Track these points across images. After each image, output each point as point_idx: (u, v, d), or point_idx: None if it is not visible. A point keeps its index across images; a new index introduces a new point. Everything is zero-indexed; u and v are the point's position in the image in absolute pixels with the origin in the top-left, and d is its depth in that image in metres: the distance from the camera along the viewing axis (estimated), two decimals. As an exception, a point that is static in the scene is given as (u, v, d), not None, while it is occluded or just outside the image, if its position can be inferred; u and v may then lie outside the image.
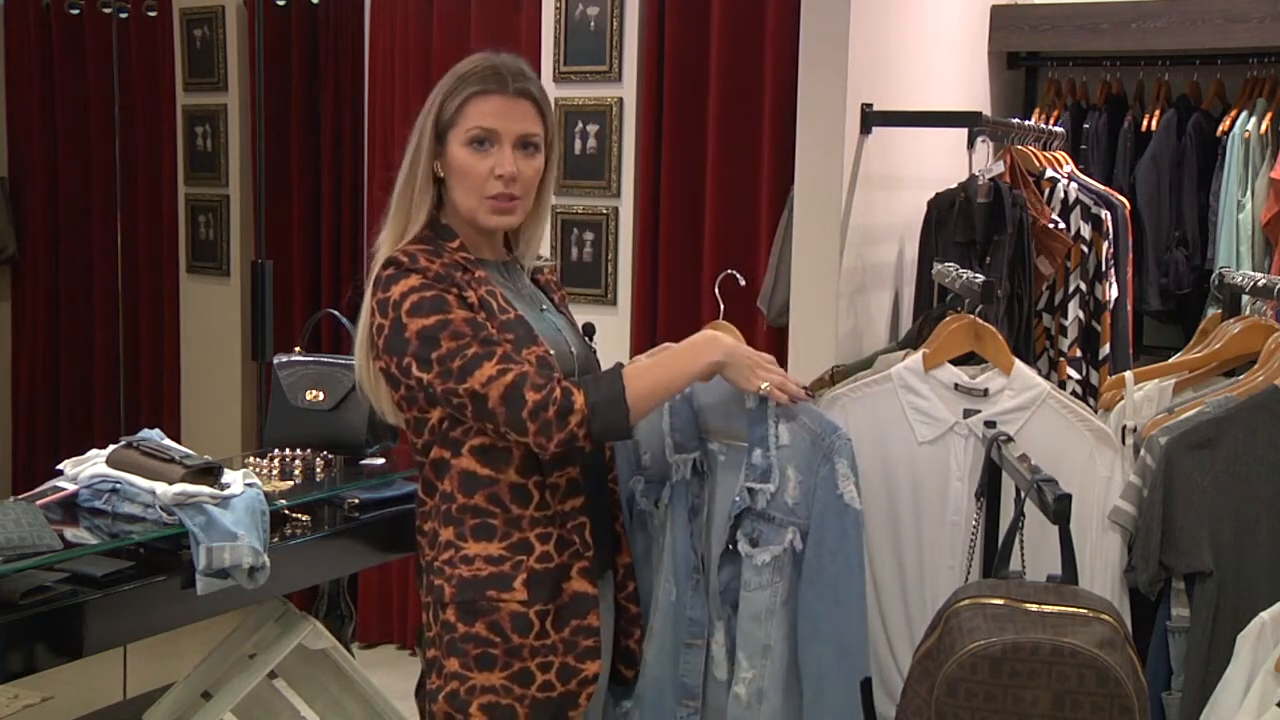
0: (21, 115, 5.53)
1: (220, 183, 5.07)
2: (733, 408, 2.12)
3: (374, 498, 2.99)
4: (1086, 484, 2.16)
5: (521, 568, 1.94)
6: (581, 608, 1.98)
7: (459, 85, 1.98)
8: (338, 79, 4.77)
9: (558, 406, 1.85)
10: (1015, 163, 3.44)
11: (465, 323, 1.88)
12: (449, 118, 1.98)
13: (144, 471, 2.53)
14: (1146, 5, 4.01)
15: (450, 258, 1.96)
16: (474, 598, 1.94)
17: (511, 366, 1.87)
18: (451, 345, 1.87)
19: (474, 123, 1.96)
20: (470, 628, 1.94)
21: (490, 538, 1.95)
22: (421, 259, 1.93)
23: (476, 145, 1.97)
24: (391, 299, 1.90)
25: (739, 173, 3.96)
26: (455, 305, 1.89)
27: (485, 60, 2.01)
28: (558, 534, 1.98)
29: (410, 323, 1.89)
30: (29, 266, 5.58)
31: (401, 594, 4.66)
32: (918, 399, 2.23)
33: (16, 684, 3.43)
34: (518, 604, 1.94)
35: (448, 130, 1.98)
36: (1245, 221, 3.83)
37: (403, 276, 1.91)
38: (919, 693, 1.68)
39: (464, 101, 1.97)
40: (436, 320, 1.88)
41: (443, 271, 1.92)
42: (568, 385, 1.88)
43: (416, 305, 1.89)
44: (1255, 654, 1.88)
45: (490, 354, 1.87)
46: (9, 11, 5.52)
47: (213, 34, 5.00)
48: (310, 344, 3.47)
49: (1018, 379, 2.22)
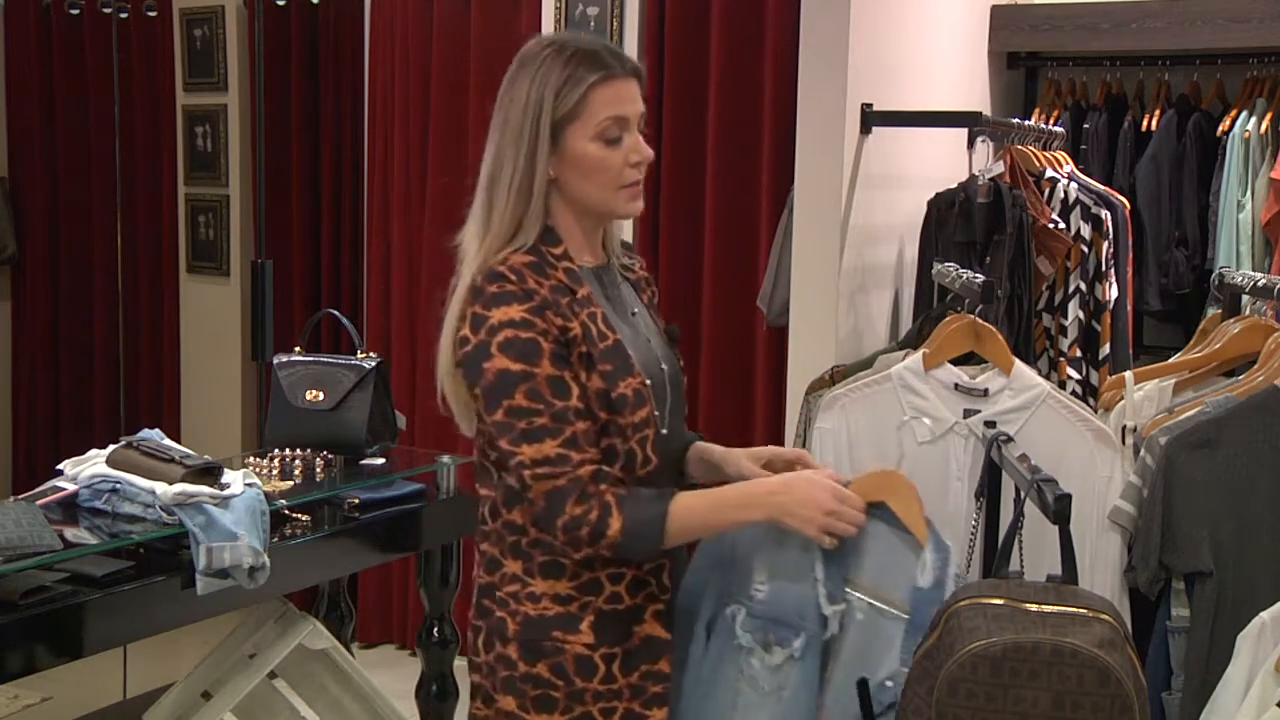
0: (21, 115, 5.53)
1: (220, 183, 5.07)
2: (892, 569, 1.87)
3: (374, 498, 2.99)
4: (1086, 484, 2.16)
5: (589, 609, 1.85)
6: (654, 652, 1.89)
7: (577, 72, 1.82)
8: (338, 79, 4.77)
9: (591, 529, 1.76)
10: (1015, 163, 3.44)
11: (548, 383, 1.77)
12: (568, 111, 1.82)
13: (144, 471, 2.53)
14: (1146, 5, 4.01)
15: (555, 276, 1.83)
16: (538, 637, 1.85)
17: (566, 467, 1.76)
18: (524, 404, 1.76)
19: (605, 114, 1.83)
20: (531, 668, 1.85)
21: (559, 576, 1.85)
22: (530, 279, 1.80)
23: (611, 137, 1.84)
24: (489, 322, 1.78)
25: (739, 173, 3.95)
26: (548, 355, 1.77)
27: (582, 41, 1.86)
28: (632, 575, 1.87)
29: (497, 358, 1.77)
30: (29, 266, 5.57)
31: (401, 594, 4.66)
32: (918, 399, 2.23)
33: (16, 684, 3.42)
34: (583, 646, 1.85)
35: (565, 125, 1.82)
36: (1245, 221, 3.83)
37: (506, 301, 1.78)
38: (919, 692, 1.68)
39: (586, 92, 1.82)
40: (522, 370, 1.76)
41: (549, 298, 1.80)
42: (610, 502, 1.76)
43: (509, 342, 1.77)
44: (1255, 654, 1.88)
45: (557, 432, 1.76)
46: (9, 11, 5.51)
47: (213, 34, 5.00)
48: (310, 344, 3.47)
49: (1018, 379, 2.21)
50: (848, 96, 3.21)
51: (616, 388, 1.82)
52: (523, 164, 1.83)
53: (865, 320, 3.39)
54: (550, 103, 1.82)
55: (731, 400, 3.94)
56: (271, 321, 4.33)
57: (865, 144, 3.29)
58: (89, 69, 5.29)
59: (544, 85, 1.82)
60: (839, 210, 3.23)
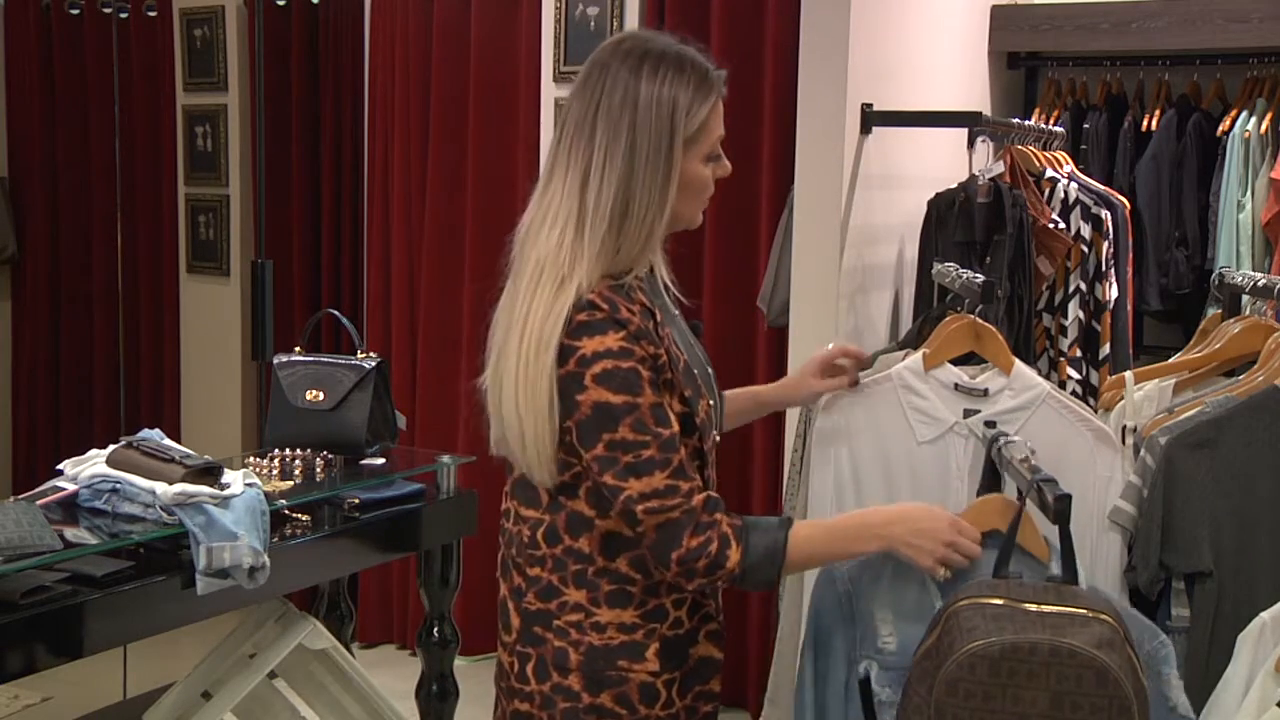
0: (21, 115, 5.53)
1: (220, 183, 5.07)
2: None
3: (374, 498, 2.99)
4: (1086, 484, 2.16)
5: (655, 635, 1.81)
6: (706, 673, 1.87)
7: (698, 95, 1.76)
8: (338, 79, 4.77)
9: (709, 560, 1.72)
10: (1015, 163, 3.44)
11: (651, 412, 1.71)
12: (693, 134, 1.76)
13: (144, 471, 2.53)
14: (1146, 5, 4.01)
15: (639, 299, 1.76)
16: (604, 668, 1.81)
17: (678, 498, 1.71)
18: (629, 436, 1.70)
19: (715, 135, 1.80)
20: (595, 698, 1.81)
21: (626, 605, 1.80)
22: (622, 309, 1.72)
23: (716, 155, 1.82)
24: (582, 353, 1.70)
25: (739, 173, 3.93)
26: (647, 385, 1.71)
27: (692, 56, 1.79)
28: (691, 598, 1.84)
29: (593, 390, 1.70)
30: (29, 266, 5.57)
31: (402, 594, 4.66)
32: (918, 399, 2.23)
33: (16, 684, 3.42)
34: (648, 674, 1.81)
35: (689, 148, 1.77)
36: (1245, 221, 3.83)
37: (600, 330, 1.70)
38: (919, 692, 1.68)
39: (709, 115, 1.78)
40: (624, 401, 1.70)
41: (642, 326, 1.73)
42: (726, 533, 1.72)
43: (608, 374, 1.70)
44: (1255, 654, 1.88)
45: (666, 463, 1.71)
46: (9, 11, 5.52)
47: (213, 34, 5.00)
48: (310, 344, 3.47)
49: (1018, 379, 2.21)
50: (848, 96, 3.21)
51: (698, 412, 1.79)
52: (658, 196, 1.75)
53: (865, 320, 3.39)
54: (682, 126, 1.75)
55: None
56: (271, 321, 4.33)
57: (865, 144, 3.29)
58: (89, 69, 5.30)
59: (674, 107, 1.75)
60: (839, 210, 3.23)
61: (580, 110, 1.77)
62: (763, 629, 3.90)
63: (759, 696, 2.81)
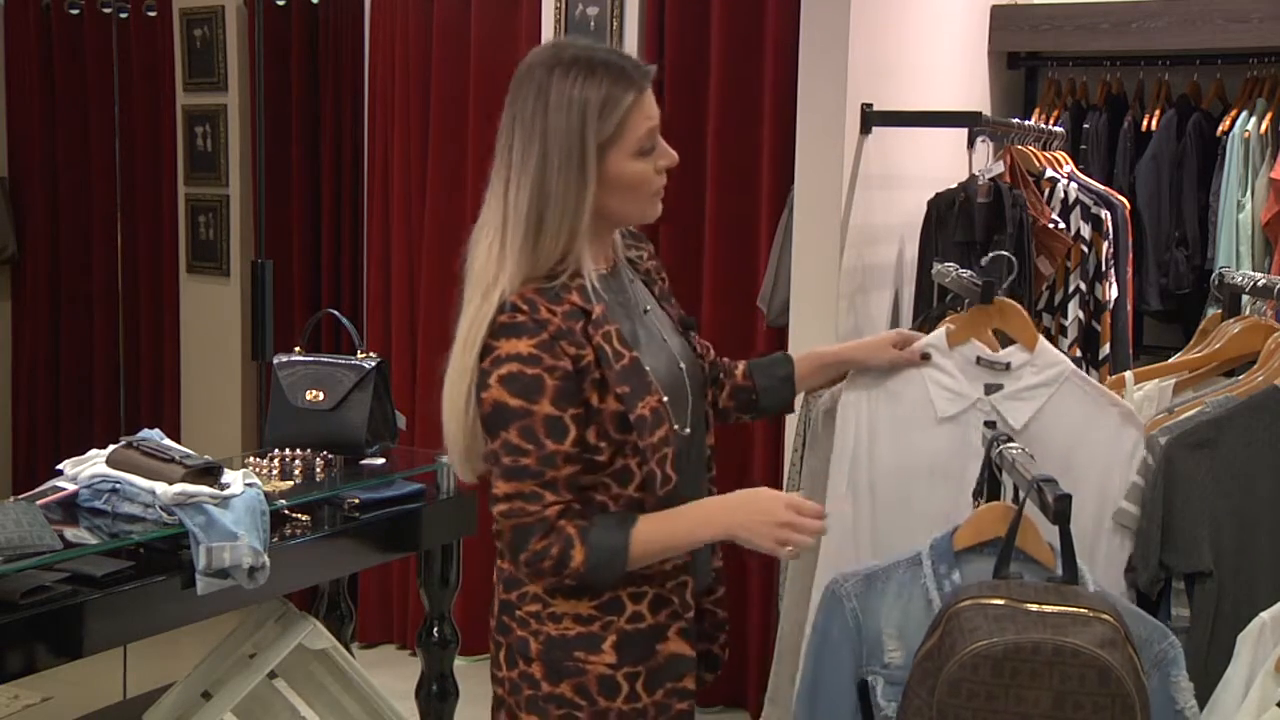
0: (21, 115, 5.53)
1: (220, 183, 5.07)
2: None
3: (374, 498, 2.99)
4: (1113, 460, 2.15)
5: (611, 628, 1.85)
6: (677, 670, 1.89)
7: (610, 95, 1.78)
8: (338, 79, 4.77)
9: (554, 562, 1.78)
10: (1015, 163, 3.44)
11: (543, 423, 1.75)
12: (609, 136, 1.79)
13: (144, 471, 2.54)
14: (1146, 5, 4.01)
15: (571, 300, 1.80)
16: (561, 658, 1.86)
17: (536, 506, 1.77)
18: (514, 440, 1.76)
19: (641, 131, 1.81)
20: (555, 688, 1.86)
21: (580, 596, 1.85)
22: (542, 309, 1.77)
23: (645, 149, 1.83)
24: (497, 354, 1.77)
25: (739, 173, 3.96)
26: (549, 394, 1.75)
27: (605, 56, 1.81)
28: (654, 593, 1.87)
29: (495, 389, 1.77)
30: (29, 266, 5.57)
31: (402, 594, 4.66)
32: (940, 374, 2.22)
33: (16, 684, 3.42)
34: (606, 667, 1.85)
35: (608, 150, 1.79)
36: (1245, 221, 3.83)
37: (515, 334, 1.76)
38: (920, 693, 1.68)
39: (625, 114, 1.79)
40: (519, 406, 1.75)
41: (563, 327, 1.77)
42: (571, 535, 1.77)
43: (512, 378, 1.76)
44: (1255, 654, 1.88)
45: (539, 475, 1.76)
46: (9, 11, 5.51)
47: (213, 34, 5.00)
48: (310, 344, 3.47)
49: (1041, 355, 2.20)
50: (848, 96, 3.21)
51: (635, 409, 1.81)
52: (573, 200, 1.79)
53: (865, 320, 3.39)
54: (594, 128, 1.77)
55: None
56: (271, 321, 4.33)
57: (865, 144, 3.29)
58: (89, 69, 5.29)
59: (584, 111, 1.77)
60: (839, 210, 3.23)
61: (504, 120, 1.84)
62: (763, 629, 3.90)
63: (759, 696, 2.81)
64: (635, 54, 4.03)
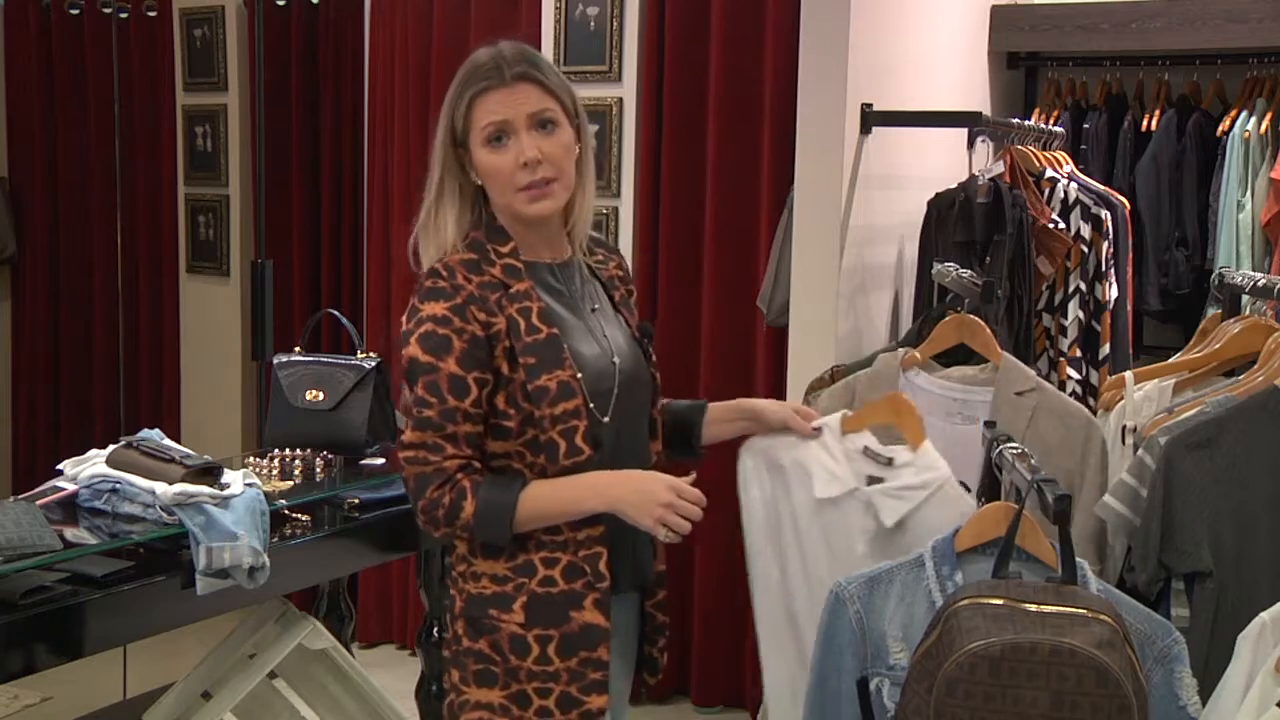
0: (21, 115, 5.53)
1: (220, 183, 5.07)
2: None
3: (374, 498, 2.99)
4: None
5: (523, 590, 1.94)
6: (590, 639, 1.95)
7: (462, 90, 1.96)
8: (338, 79, 4.77)
9: (446, 511, 1.89)
10: (1015, 163, 3.44)
11: (448, 380, 1.89)
12: (462, 125, 1.96)
13: (144, 471, 2.53)
14: (1146, 5, 4.01)
15: (492, 273, 1.95)
16: (479, 615, 1.96)
17: (437, 457, 1.89)
18: (421, 394, 1.90)
19: (485, 121, 1.94)
20: (474, 643, 1.96)
21: (497, 556, 1.95)
22: (459, 275, 1.93)
23: (495, 143, 1.94)
24: (419, 313, 1.93)
25: (739, 173, 3.96)
26: (455, 356, 1.90)
27: (480, 57, 1.98)
28: (567, 560, 1.95)
29: (413, 347, 1.92)
30: (29, 266, 5.57)
31: (401, 594, 4.66)
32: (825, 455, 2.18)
33: (16, 684, 3.42)
34: (517, 626, 1.93)
35: (466, 137, 1.96)
36: (1245, 221, 3.83)
37: (433, 298, 1.92)
38: (918, 692, 1.68)
39: (470, 104, 1.95)
40: (428, 362, 1.90)
41: (475, 293, 1.92)
42: (465, 487, 1.89)
43: (426, 336, 1.91)
44: (1255, 654, 1.88)
45: (440, 428, 1.89)
46: (9, 11, 5.51)
47: (213, 34, 5.00)
48: (310, 344, 3.47)
49: (924, 456, 2.16)
50: (848, 96, 3.21)
51: (536, 380, 1.91)
52: (450, 181, 1.99)
53: (865, 320, 3.40)
54: (449, 118, 1.98)
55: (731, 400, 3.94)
56: (271, 321, 4.34)
57: (865, 144, 3.29)
58: (89, 69, 5.29)
59: (450, 104, 1.98)
60: (839, 210, 3.23)
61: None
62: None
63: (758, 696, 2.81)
64: (635, 54, 4.10)
